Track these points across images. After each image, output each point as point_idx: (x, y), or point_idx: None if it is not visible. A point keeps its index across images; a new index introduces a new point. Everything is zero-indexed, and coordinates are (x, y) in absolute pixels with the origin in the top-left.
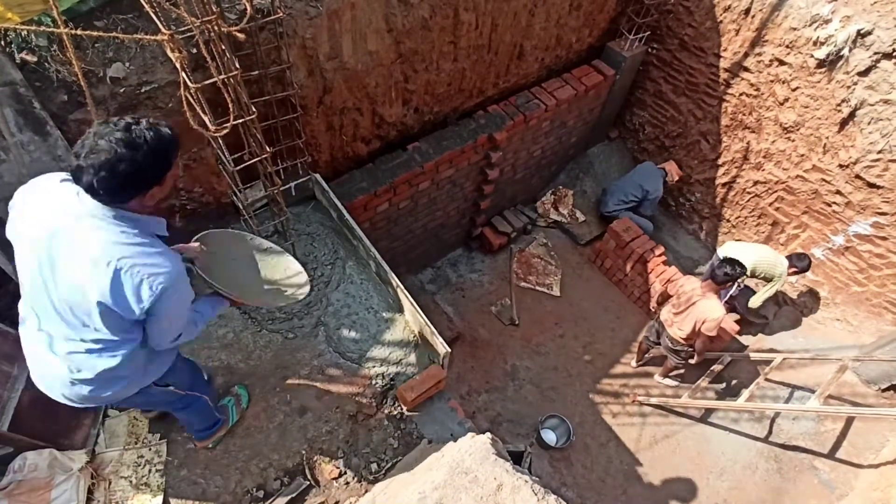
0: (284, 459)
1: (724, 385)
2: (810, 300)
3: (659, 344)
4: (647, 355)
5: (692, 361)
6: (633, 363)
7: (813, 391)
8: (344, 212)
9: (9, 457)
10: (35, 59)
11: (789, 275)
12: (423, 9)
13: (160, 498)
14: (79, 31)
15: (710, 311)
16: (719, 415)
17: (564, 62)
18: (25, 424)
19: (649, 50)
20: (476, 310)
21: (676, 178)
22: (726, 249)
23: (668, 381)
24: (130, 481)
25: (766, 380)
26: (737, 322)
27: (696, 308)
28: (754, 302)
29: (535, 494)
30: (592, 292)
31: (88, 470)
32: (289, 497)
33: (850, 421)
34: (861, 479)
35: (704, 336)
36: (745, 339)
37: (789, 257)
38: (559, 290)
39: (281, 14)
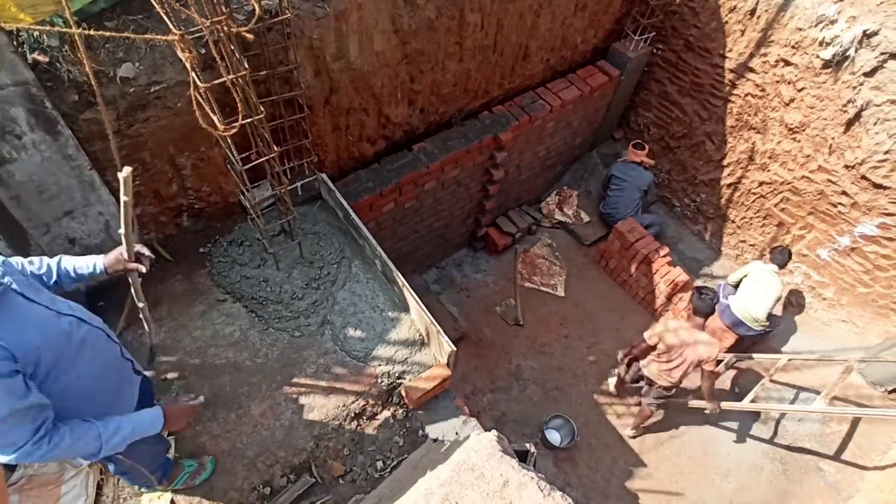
0: (291, 457)
1: (729, 386)
2: (815, 301)
3: (638, 382)
4: (627, 385)
5: (707, 411)
6: (612, 388)
7: (818, 393)
8: (350, 211)
9: None
10: (47, 59)
11: (781, 274)
12: (428, 10)
13: (168, 494)
14: (91, 31)
15: (707, 351)
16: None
17: (570, 63)
18: None
19: (654, 51)
20: (481, 310)
21: (644, 159)
22: (738, 310)
23: (630, 433)
24: None
25: (772, 381)
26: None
27: (693, 352)
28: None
29: (542, 491)
30: (597, 293)
31: (97, 466)
32: (295, 494)
33: (855, 422)
34: (867, 481)
35: (708, 373)
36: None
37: (772, 258)
38: (564, 291)
39: (289, 15)
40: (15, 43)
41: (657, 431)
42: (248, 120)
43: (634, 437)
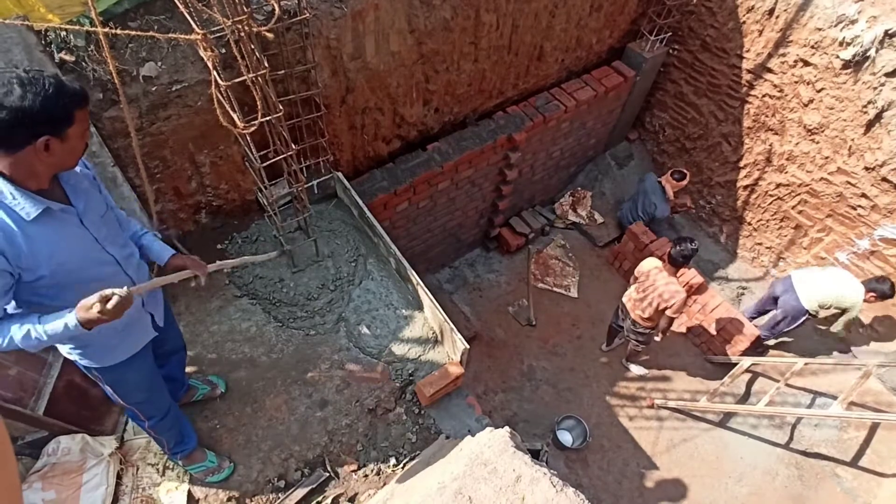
0: (305, 451)
1: (743, 389)
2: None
3: (622, 327)
4: (616, 340)
5: (657, 339)
6: (604, 346)
7: (835, 398)
8: (365, 210)
9: (43, 441)
10: (73, 58)
11: (867, 301)
12: (444, 10)
13: (185, 484)
14: (116, 31)
15: (673, 294)
16: (738, 420)
17: (584, 63)
18: (60, 410)
19: (670, 51)
20: (493, 310)
21: (672, 195)
22: (797, 278)
23: (635, 369)
24: (157, 468)
25: (787, 385)
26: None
27: (656, 290)
28: (837, 330)
29: (554, 486)
30: (610, 294)
31: (118, 455)
32: (309, 488)
33: (873, 428)
34: (884, 488)
35: (668, 317)
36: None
37: (867, 281)
38: (577, 292)
39: (307, 15)
40: (43, 42)
41: (670, 434)
42: (267, 118)
43: (627, 368)
